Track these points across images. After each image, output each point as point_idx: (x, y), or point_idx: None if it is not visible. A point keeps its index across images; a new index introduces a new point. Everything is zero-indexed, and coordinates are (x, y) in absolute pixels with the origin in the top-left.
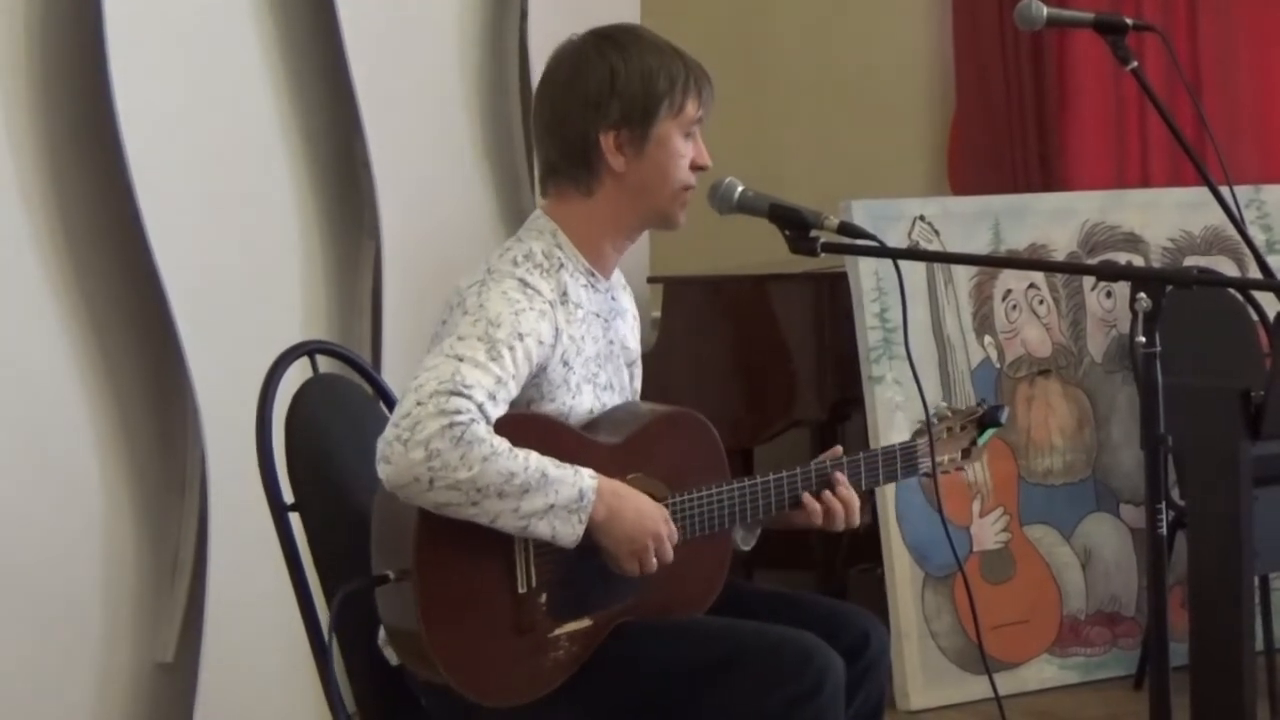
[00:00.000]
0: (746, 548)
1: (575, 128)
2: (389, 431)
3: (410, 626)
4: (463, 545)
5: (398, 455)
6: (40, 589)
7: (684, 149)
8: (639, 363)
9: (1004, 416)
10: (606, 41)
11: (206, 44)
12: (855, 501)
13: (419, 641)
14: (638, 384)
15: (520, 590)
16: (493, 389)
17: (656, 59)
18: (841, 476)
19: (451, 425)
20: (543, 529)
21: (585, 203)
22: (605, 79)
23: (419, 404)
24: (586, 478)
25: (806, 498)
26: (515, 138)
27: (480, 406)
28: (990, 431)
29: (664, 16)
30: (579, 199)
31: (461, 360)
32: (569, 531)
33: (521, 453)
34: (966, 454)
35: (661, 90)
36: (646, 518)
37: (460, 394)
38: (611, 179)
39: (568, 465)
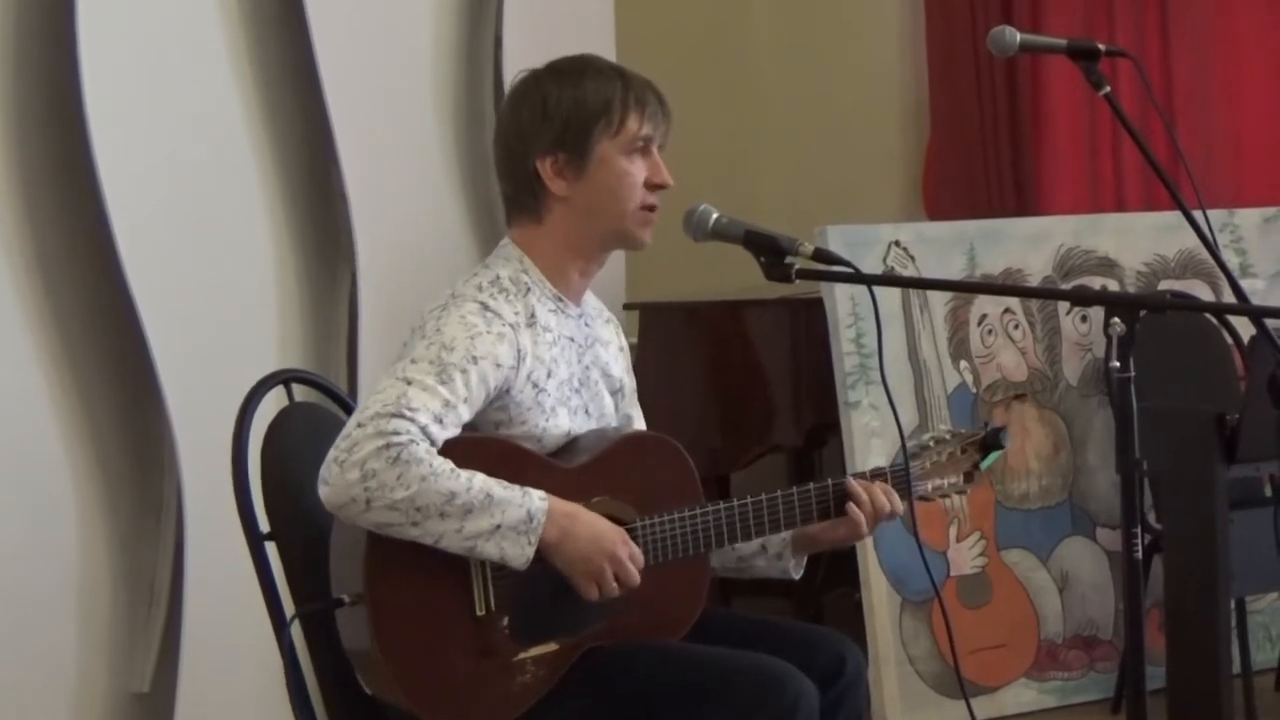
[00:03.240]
0: (797, 575)
1: (516, 158)
2: (329, 453)
3: (368, 651)
4: (416, 568)
5: (334, 476)
6: (14, 618)
7: (630, 168)
8: (626, 393)
9: (1007, 440)
10: (548, 73)
11: (181, 71)
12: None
13: (378, 666)
14: (635, 414)
15: (479, 613)
16: (439, 412)
17: (593, 82)
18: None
19: (388, 445)
20: (490, 550)
21: (539, 229)
22: (537, 107)
23: (359, 426)
24: (536, 499)
25: (850, 495)
26: (490, 165)
27: (424, 429)
28: (995, 455)
29: (638, 43)
30: (533, 226)
31: (410, 383)
32: (518, 553)
33: (465, 474)
34: (969, 478)
35: (593, 112)
36: (603, 539)
37: (402, 416)
38: (558, 204)
39: (516, 487)
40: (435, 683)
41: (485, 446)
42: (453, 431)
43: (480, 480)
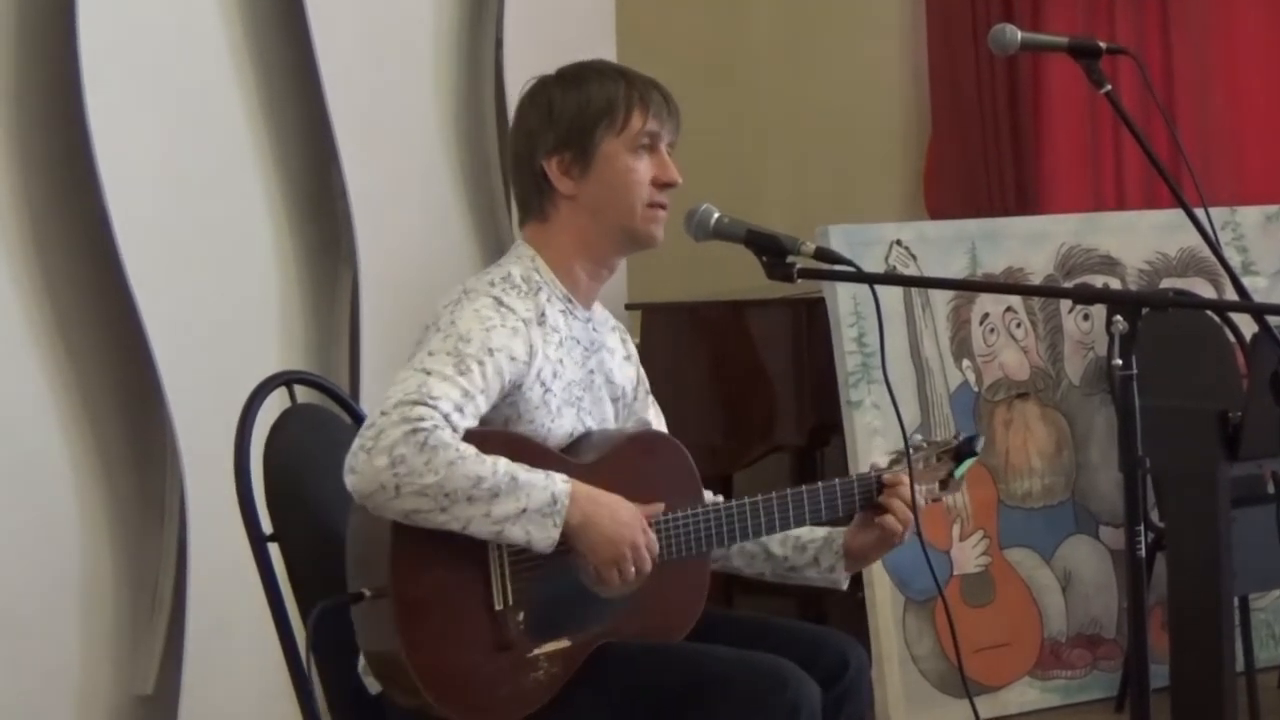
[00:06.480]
0: (844, 587)
1: (524, 160)
2: (354, 443)
3: (388, 645)
4: (438, 561)
5: (362, 464)
6: (19, 622)
7: (636, 164)
8: (639, 395)
9: (979, 446)
10: (555, 77)
11: (183, 76)
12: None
13: (397, 660)
14: (652, 415)
15: (497, 607)
16: (459, 401)
17: (596, 82)
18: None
19: (415, 431)
20: (517, 534)
21: (548, 229)
22: (543, 110)
23: (383, 414)
24: (559, 482)
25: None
26: (491, 165)
27: (446, 416)
28: (968, 462)
29: (639, 44)
30: (542, 225)
31: (429, 374)
32: (544, 536)
33: (490, 458)
34: (944, 485)
35: (597, 110)
36: (624, 525)
37: (425, 403)
38: (565, 203)
39: (539, 470)
40: (455, 676)
41: (501, 439)
42: (471, 422)
43: (505, 464)
